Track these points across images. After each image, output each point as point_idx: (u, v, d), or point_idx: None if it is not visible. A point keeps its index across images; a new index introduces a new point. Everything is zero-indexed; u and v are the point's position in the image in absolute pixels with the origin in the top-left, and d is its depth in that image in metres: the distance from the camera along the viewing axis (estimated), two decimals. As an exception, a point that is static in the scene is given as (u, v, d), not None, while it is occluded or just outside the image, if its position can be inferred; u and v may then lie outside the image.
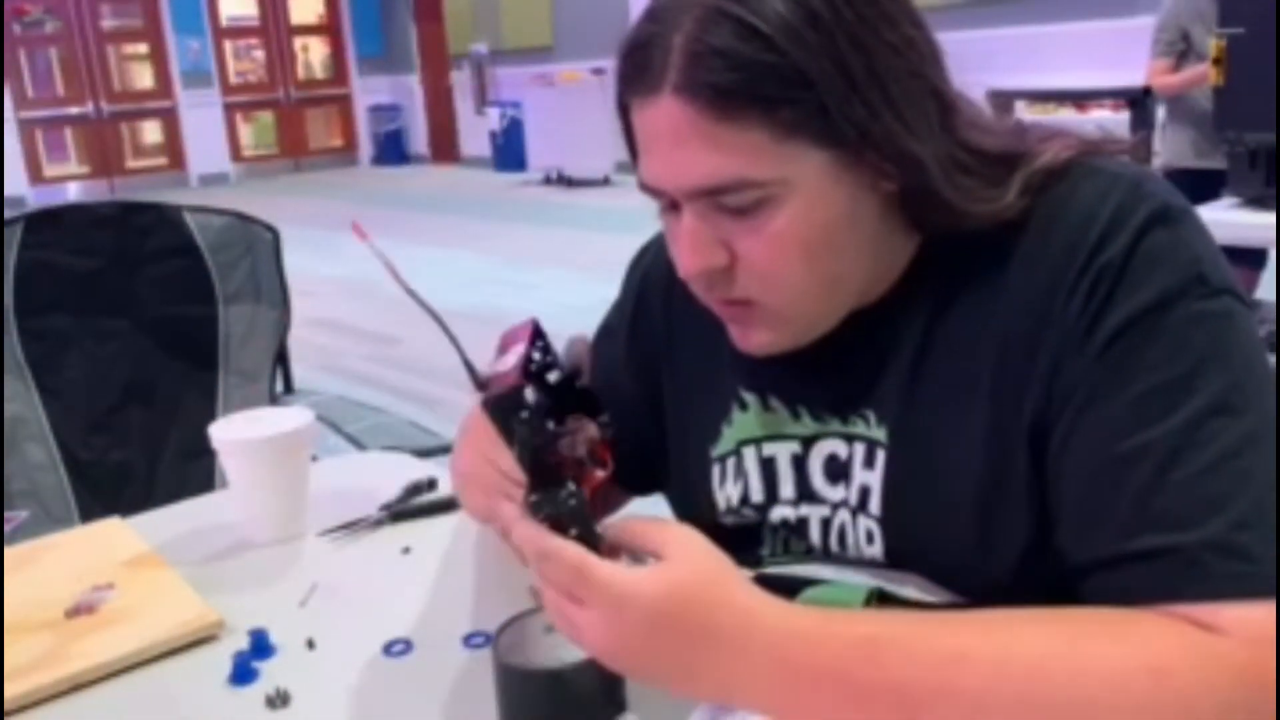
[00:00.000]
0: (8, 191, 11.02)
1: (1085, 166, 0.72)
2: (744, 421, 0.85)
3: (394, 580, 0.98)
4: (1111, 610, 0.62)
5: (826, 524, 0.81)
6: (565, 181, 10.47)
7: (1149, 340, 0.65)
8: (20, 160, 12.00)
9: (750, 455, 0.84)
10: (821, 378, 0.80)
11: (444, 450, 1.53)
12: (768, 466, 0.83)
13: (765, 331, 0.76)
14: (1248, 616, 0.59)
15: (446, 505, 1.12)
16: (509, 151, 11.59)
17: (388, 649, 0.85)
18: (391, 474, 1.26)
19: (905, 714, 0.60)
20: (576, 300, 5.74)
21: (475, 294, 6.18)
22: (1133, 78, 6.20)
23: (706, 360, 0.88)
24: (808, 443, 0.81)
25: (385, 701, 0.78)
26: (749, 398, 0.85)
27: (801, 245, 0.70)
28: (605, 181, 10.37)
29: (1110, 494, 0.65)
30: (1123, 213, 0.68)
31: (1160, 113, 4.01)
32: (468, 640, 0.85)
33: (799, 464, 0.82)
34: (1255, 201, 2.90)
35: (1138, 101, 5.71)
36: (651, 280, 0.95)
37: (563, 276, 6.45)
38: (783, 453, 0.83)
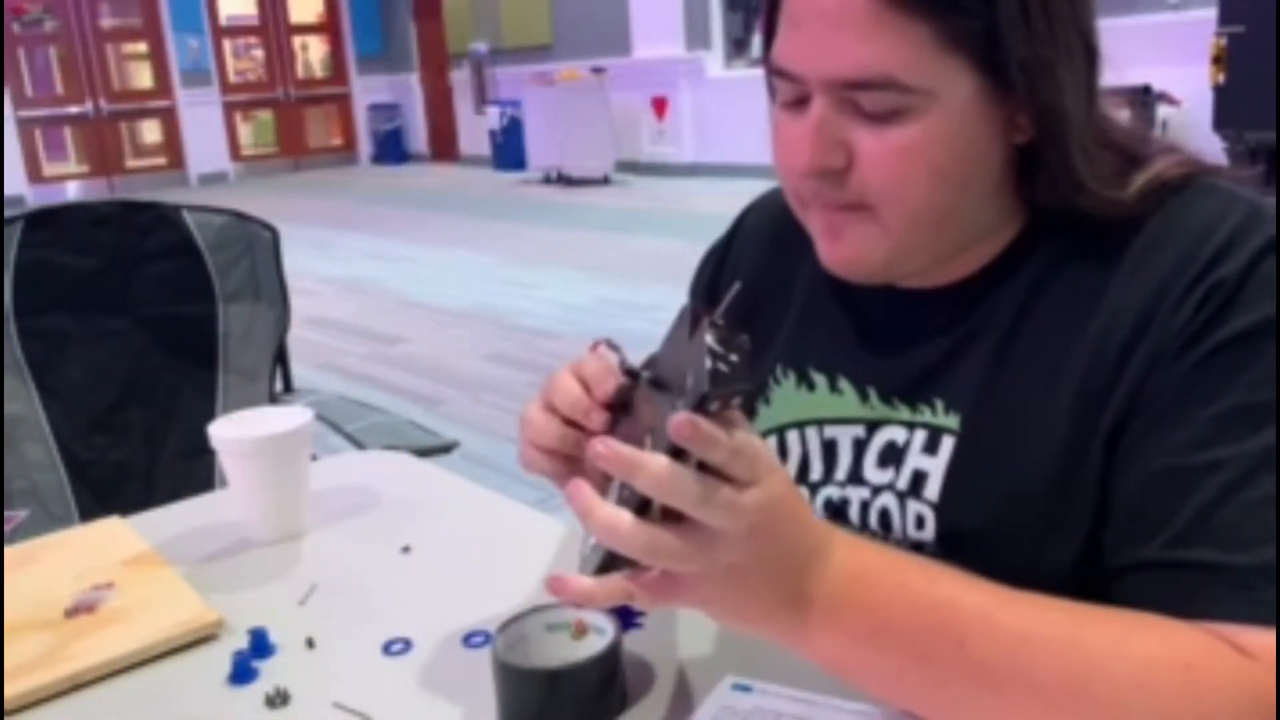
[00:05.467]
0: (7, 191, 11.02)
1: (1204, 184, 0.72)
2: (802, 401, 0.85)
3: (394, 580, 0.98)
4: (1151, 614, 0.63)
5: (865, 506, 0.80)
6: (565, 180, 10.47)
7: (1249, 361, 0.65)
8: (19, 159, 12.01)
9: (812, 436, 0.84)
10: (894, 359, 0.80)
11: (444, 450, 1.53)
12: (829, 449, 0.83)
13: (860, 245, 0.74)
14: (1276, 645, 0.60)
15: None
16: (508, 150, 11.59)
17: (387, 648, 0.85)
18: (391, 474, 1.26)
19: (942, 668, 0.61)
20: (576, 300, 5.74)
21: (475, 293, 6.18)
22: (1133, 77, 6.22)
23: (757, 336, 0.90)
24: (872, 427, 0.81)
25: (385, 701, 0.78)
26: (817, 378, 0.84)
27: (929, 164, 0.69)
28: (605, 181, 10.38)
29: (1174, 501, 0.65)
30: (1241, 233, 0.68)
31: (1160, 112, 4.01)
32: (468, 640, 0.85)
33: (859, 448, 0.81)
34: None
35: (1138, 101, 5.71)
36: (745, 234, 0.96)
37: (562, 276, 6.45)
38: (845, 436, 0.82)
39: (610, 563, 0.60)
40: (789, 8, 0.70)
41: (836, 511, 0.82)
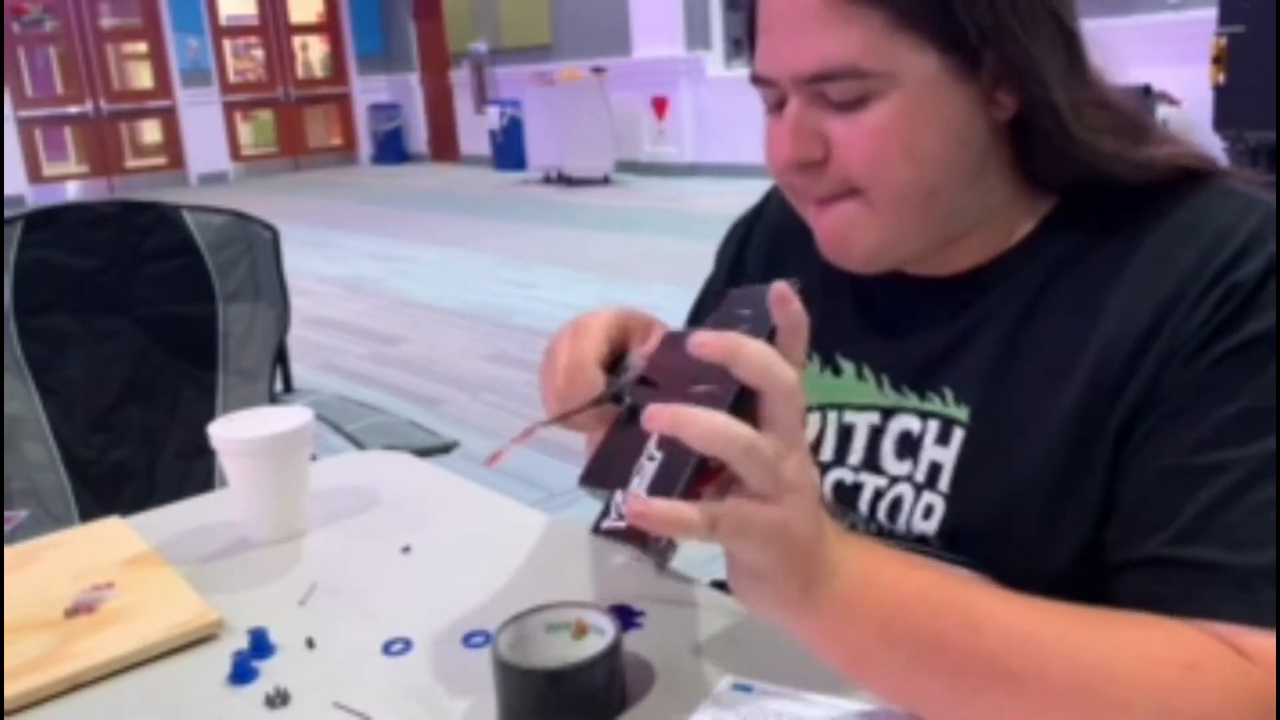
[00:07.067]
0: (7, 191, 11.02)
1: (1221, 185, 0.73)
2: (827, 385, 0.85)
3: (394, 580, 0.98)
4: (1151, 615, 0.63)
5: (879, 495, 0.81)
6: (565, 180, 10.47)
7: (1263, 364, 0.65)
8: (19, 159, 12.00)
9: (832, 420, 0.85)
10: (902, 346, 0.81)
11: (444, 449, 1.53)
12: (845, 433, 0.83)
13: (849, 226, 0.75)
14: (1274, 648, 0.60)
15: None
16: (508, 150, 11.59)
17: (387, 648, 0.85)
18: (391, 474, 1.26)
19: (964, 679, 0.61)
20: (576, 300, 5.73)
21: (475, 293, 6.18)
22: (1133, 77, 6.22)
23: None
24: (887, 414, 0.82)
25: (385, 701, 0.78)
26: (844, 364, 0.85)
27: (901, 144, 0.70)
28: (605, 181, 10.37)
29: (1178, 499, 0.65)
30: (1260, 235, 0.68)
31: (1160, 112, 4.01)
32: (468, 640, 0.85)
33: (875, 435, 0.82)
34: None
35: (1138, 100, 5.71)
36: (763, 227, 0.97)
37: (562, 276, 6.45)
38: (862, 422, 0.83)
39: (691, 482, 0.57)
40: (761, 18, 0.73)
41: (846, 495, 0.82)
